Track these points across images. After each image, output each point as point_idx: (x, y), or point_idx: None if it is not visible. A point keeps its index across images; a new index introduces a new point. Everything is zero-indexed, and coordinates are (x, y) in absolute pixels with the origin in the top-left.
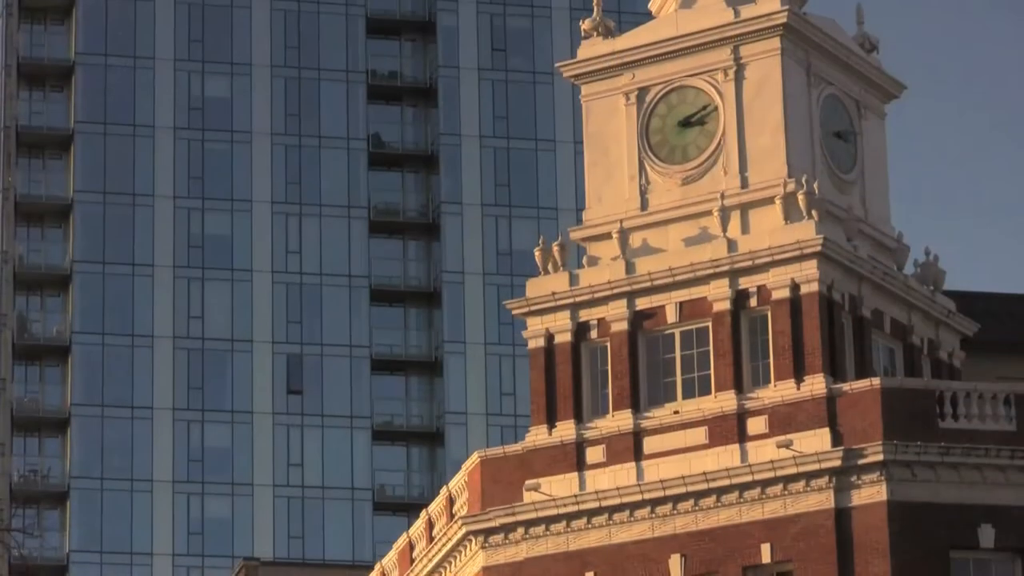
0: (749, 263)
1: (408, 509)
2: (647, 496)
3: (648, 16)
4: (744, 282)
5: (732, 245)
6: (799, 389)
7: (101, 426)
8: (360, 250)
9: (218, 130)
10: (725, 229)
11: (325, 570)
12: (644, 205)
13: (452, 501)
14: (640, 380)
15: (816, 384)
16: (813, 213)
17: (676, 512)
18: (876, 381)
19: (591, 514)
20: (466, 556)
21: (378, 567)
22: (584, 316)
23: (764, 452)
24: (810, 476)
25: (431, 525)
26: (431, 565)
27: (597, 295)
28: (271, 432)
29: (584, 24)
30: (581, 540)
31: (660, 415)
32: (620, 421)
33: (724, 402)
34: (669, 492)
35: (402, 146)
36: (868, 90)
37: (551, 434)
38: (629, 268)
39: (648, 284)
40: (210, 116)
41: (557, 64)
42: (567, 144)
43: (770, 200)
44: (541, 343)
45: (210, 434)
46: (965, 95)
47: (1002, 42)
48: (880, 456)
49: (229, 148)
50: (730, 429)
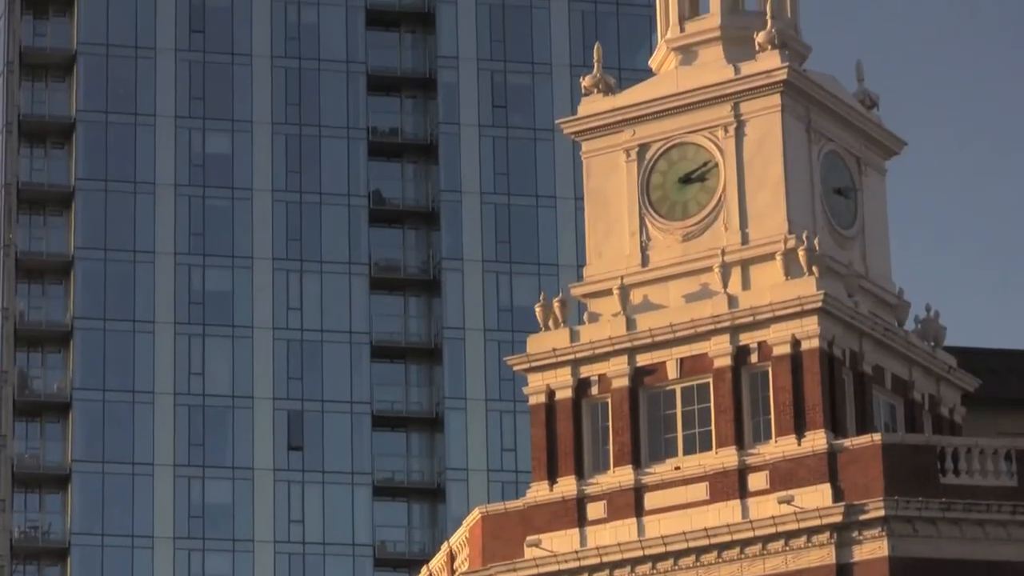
0: (750, 319)
1: (409, 565)
2: (648, 552)
3: (648, 73)
4: (745, 338)
5: (733, 301)
6: (800, 445)
7: (102, 482)
8: (361, 306)
9: (219, 187)
10: (726, 285)
11: None
12: (645, 261)
13: (453, 557)
14: (641, 436)
15: (817, 440)
16: (814, 269)
17: (677, 568)
18: (877, 437)
19: (592, 570)
20: None
21: None
22: (585, 372)
23: (765, 508)
24: (811, 532)
25: None
26: None
27: (598, 351)
28: (272, 488)
29: (584, 81)
30: None
31: (661, 471)
32: (621, 477)
33: (725, 458)
34: (671, 548)
35: (403, 202)
36: (868, 146)
37: (552, 490)
38: (630, 324)
39: (649, 340)
40: (211, 173)
41: (557, 121)
42: (568, 200)
43: (771, 256)
44: (542, 399)
45: (211, 490)
46: (965, 151)
47: (1002, 98)
48: (881, 512)
49: (230, 204)
50: (731, 485)
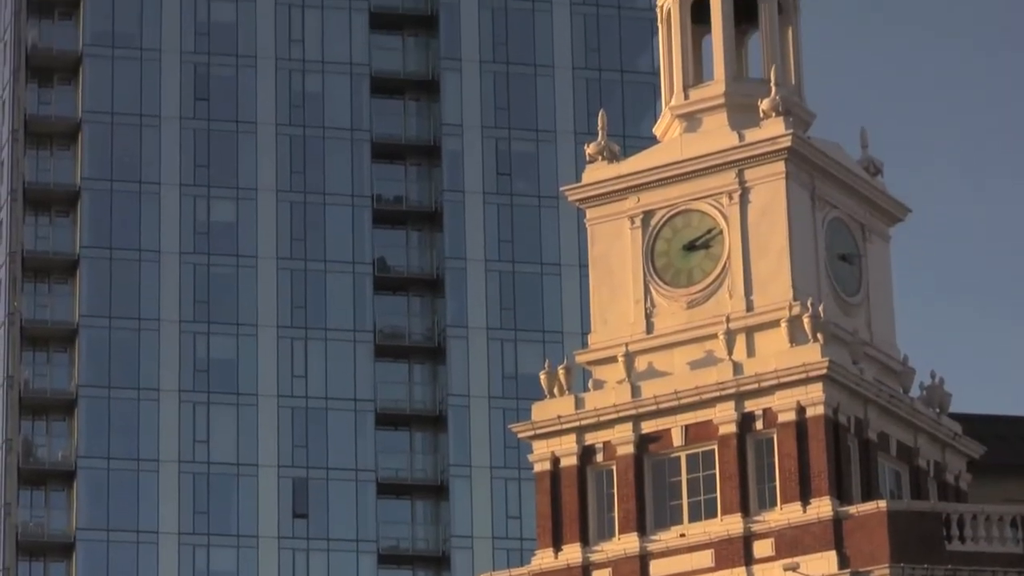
0: (755, 386)
1: None
2: None
3: (653, 140)
4: (750, 405)
5: (738, 368)
6: (805, 512)
7: (107, 551)
8: (366, 374)
9: (224, 254)
10: (730, 352)
11: None
12: (649, 328)
13: None
14: (646, 503)
15: (822, 507)
16: (818, 336)
17: None
18: (882, 504)
19: None
20: None
21: None
22: (590, 439)
23: (771, 575)
24: None
25: None
26: None
27: (603, 418)
28: (277, 556)
29: (589, 148)
30: None
31: (666, 538)
32: (626, 544)
33: (730, 525)
34: None
35: (407, 270)
36: (873, 213)
37: (557, 557)
38: (635, 391)
39: (654, 407)
40: (216, 240)
41: (562, 188)
42: (572, 268)
43: (775, 323)
44: (547, 466)
45: (216, 558)
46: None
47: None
48: None
49: (235, 272)
50: (736, 552)
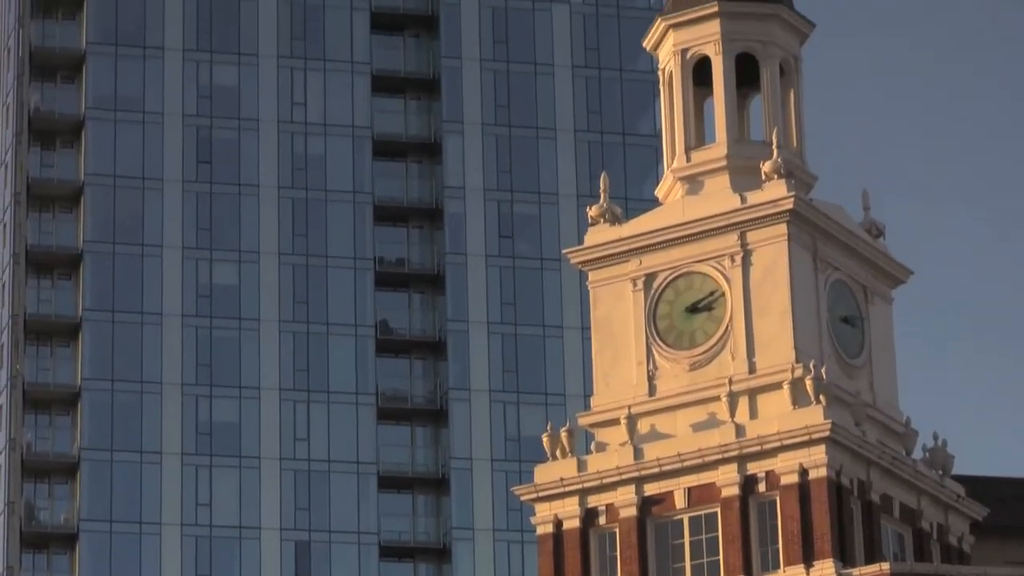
0: (757, 448)
1: None
2: None
3: (655, 203)
4: (753, 467)
5: (740, 430)
6: (809, 574)
7: None
8: (368, 436)
9: (226, 317)
10: (733, 414)
11: None
12: (652, 390)
13: None
14: (649, 566)
15: (825, 569)
16: (821, 398)
17: None
18: (886, 566)
19: None
20: None
21: None
22: (592, 502)
23: None
24: None
25: None
26: None
27: (605, 481)
28: None
29: (591, 211)
30: None
31: None
32: None
33: None
34: None
35: (410, 333)
36: (875, 275)
37: None
38: (637, 454)
39: (656, 470)
40: (218, 303)
41: (564, 250)
42: (575, 330)
43: (778, 385)
44: (550, 529)
45: None
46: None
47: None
48: None
49: (237, 335)
50: None
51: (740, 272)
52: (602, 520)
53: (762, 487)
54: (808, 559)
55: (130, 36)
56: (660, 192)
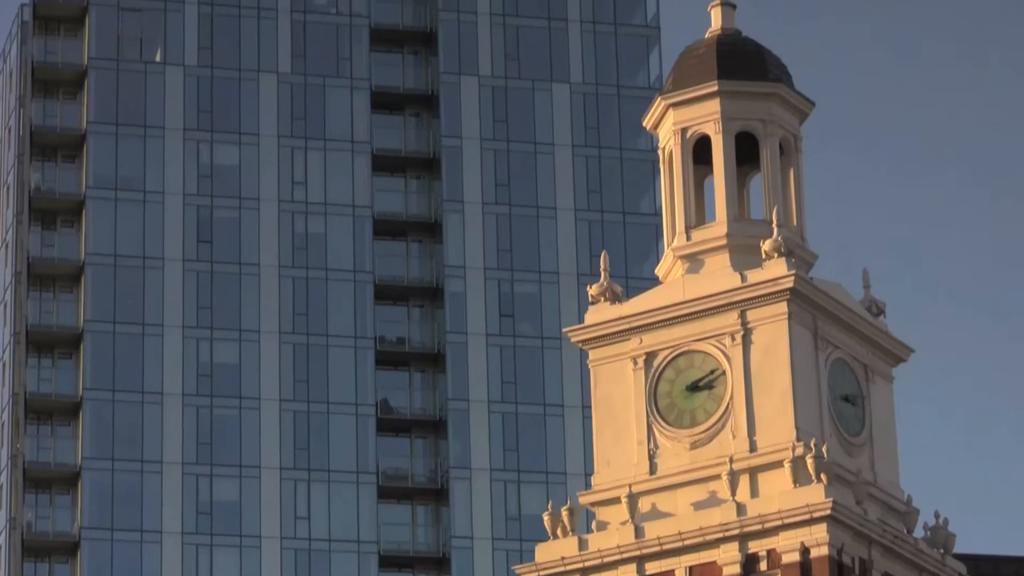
0: (759, 527)
1: None
2: None
3: (655, 281)
4: (754, 546)
5: (741, 509)
6: None
7: None
8: (369, 515)
9: (226, 396)
10: (734, 493)
11: None
12: (653, 469)
13: None
14: None
15: None
16: (822, 476)
17: None
18: None
19: None
20: None
21: None
22: None
23: None
24: None
25: None
26: None
27: (607, 559)
28: None
29: (591, 290)
30: None
31: None
32: None
33: None
34: None
35: (410, 412)
36: (876, 354)
37: None
38: (638, 532)
39: (657, 548)
40: (218, 382)
41: (565, 329)
42: (575, 409)
43: (779, 464)
44: None
45: None
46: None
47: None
48: None
49: (237, 414)
50: None
51: (741, 350)
52: None
53: (764, 565)
54: None
55: (131, 115)
56: (660, 271)
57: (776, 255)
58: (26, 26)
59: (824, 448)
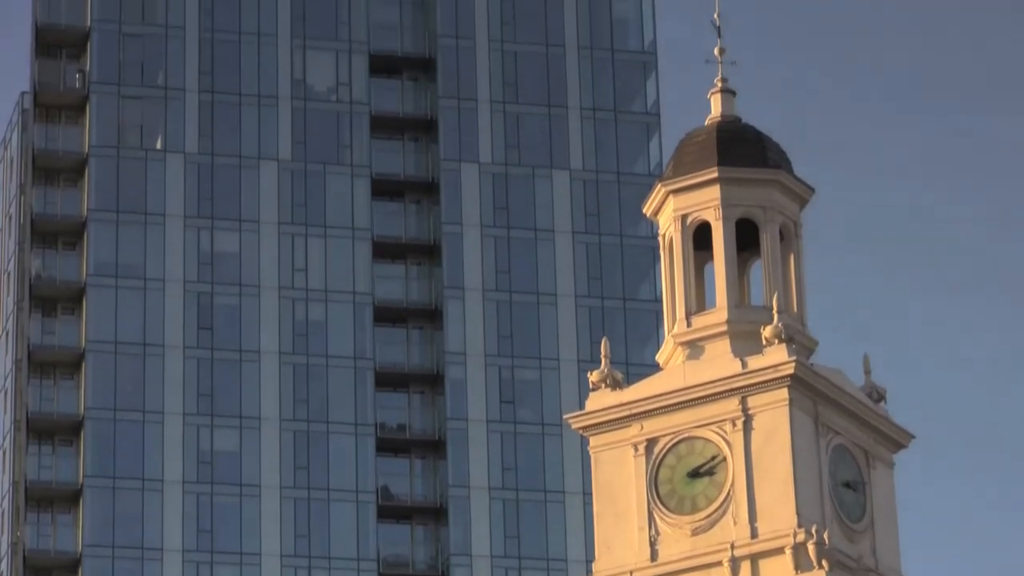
0: None
1: None
2: None
3: (656, 367)
4: None
5: None
6: None
7: None
8: None
9: (227, 483)
10: None
11: None
12: (654, 556)
13: None
14: None
15: None
16: (823, 563)
17: None
18: None
19: None
20: None
21: None
22: None
23: None
24: None
25: None
26: None
27: None
28: None
29: (592, 376)
30: None
31: None
32: None
33: None
34: None
35: (411, 498)
36: (876, 440)
37: None
38: None
39: None
40: (219, 470)
41: (565, 416)
42: (576, 495)
43: (780, 550)
44: None
45: None
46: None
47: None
48: None
49: (238, 502)
50: None
51: (741, 437)
52: None
53: None
54: None
55: (131, 203)
56: (661, 357)
57: (777, 341)
58: (27, 114)
59: (825, 534)
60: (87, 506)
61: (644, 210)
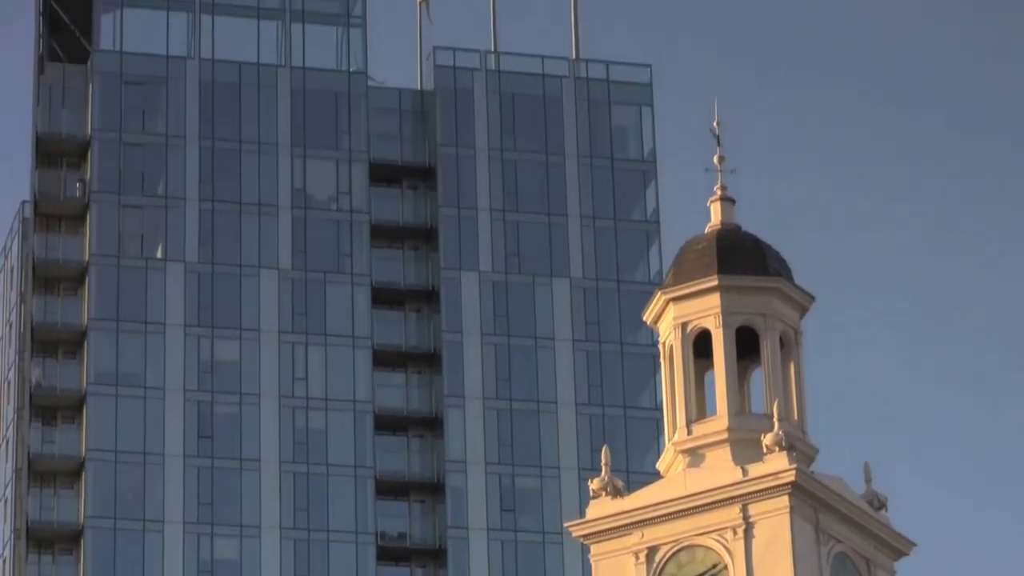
0: None
1: None
2: None
3: (656, 475)
4: None
5: None
6: None
7: None
8: None
9: None
10: None
11: None
12: None
13: None
14: None
15: None
16: None
17: None
18: None
19: None
20: None
21: None
22: None
23: None
24: None
25: None
26: None
27: None
28: None
29: (593, 484)
30: None
31: None
32: None
33: None
34: None
35: None
36: (878, 547)
37: None
38: None
39: None
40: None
41: (566, 524)
42: None
43: None
44: None
45: None
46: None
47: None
48: None
49: None
50: None
51: (742, 545)
52: None
53: None
54: None
55: (131, 311)
56: (661, 465)
57: (777, 449)
58: (27, 222)
59: None
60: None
61: (644, 318)
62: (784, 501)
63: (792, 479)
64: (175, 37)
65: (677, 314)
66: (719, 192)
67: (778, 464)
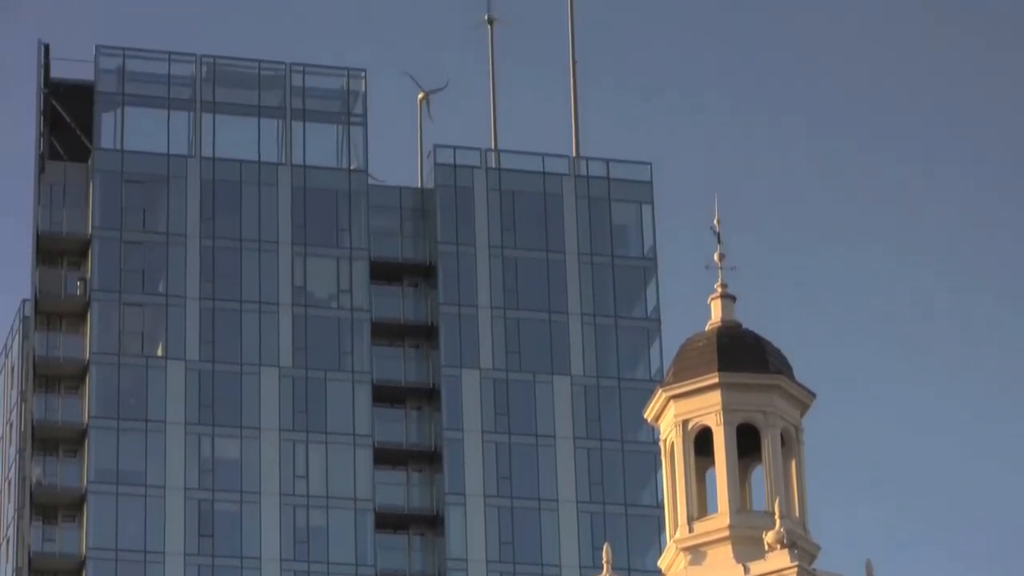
0: None
1: None
2: None
3: (657, 573)
4: None
5: None
6: None
7: None
8: None
9: None
10: None
11: None
12: None
13: None
14: None
15: None
16: None
17: None
18: None
19: None
20: None
21: None
22: None
23: None
24: None
25: None
26: None
27: None
28: None
29: None
30: None
31: None
32: None
33: None
34: None
35: None
36: None
37: None
38: None
39: None
40: None
41: None
42: None
43: None
44: None
45: None
46: None
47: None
48: None
49: None
50: None
51: None
52: None
53: None
54: None
55: (132, 410)
56: (663, 563)
57: (779, 547)
58: (28, 321)
59: None
60: None
61: (645, 415)
62: None
63: None
64: (176, 135)
65: (678, 411)
66: (719, 289)
67: (780, 562)
